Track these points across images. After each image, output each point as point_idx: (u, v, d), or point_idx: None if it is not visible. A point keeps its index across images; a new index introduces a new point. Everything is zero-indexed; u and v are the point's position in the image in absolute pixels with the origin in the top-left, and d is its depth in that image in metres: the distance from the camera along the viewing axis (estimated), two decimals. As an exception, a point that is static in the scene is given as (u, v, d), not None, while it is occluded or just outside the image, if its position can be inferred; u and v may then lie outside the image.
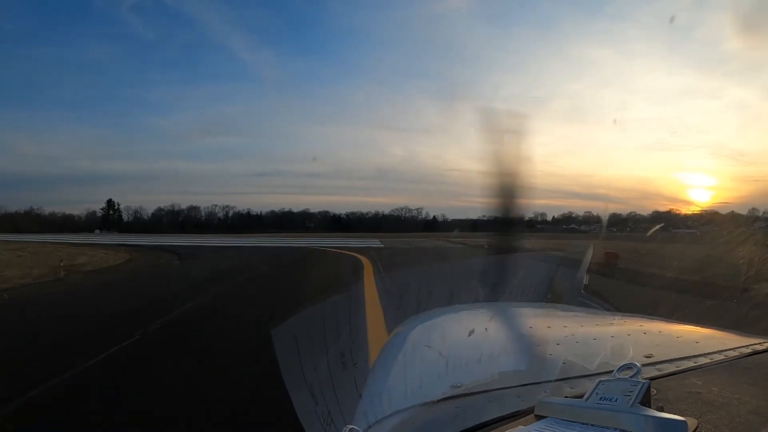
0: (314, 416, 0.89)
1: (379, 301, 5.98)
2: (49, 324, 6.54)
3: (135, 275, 14.01)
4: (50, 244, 28.76)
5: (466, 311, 1.55)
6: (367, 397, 0.90)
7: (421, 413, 0.75)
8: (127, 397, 3.55)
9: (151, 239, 43.54)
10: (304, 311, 1.37)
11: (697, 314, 5.83)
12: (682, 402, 0.68)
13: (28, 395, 3.46)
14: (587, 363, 0.89)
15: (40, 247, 24.63)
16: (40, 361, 4.49)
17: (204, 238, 47.84)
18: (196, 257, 21.07)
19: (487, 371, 0.91)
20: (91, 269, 14.84)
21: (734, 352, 0.95)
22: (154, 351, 4.90)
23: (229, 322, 6.37)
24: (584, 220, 67.20)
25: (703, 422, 0.60)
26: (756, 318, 3.80)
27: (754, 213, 22.35)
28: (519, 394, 0.78)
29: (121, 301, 8.63)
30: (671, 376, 0.82)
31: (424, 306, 1.53)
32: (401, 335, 1.28)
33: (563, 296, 1.76)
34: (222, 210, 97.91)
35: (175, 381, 3.91)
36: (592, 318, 1.52)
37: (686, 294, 7.28)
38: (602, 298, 2.21)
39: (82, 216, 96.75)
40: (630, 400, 0.58)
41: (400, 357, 1.12)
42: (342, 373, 1.13)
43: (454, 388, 0.82)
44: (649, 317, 1.45)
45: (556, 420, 0.62)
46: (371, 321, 4.33)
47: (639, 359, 0.87)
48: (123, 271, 14.86)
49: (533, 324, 1.36)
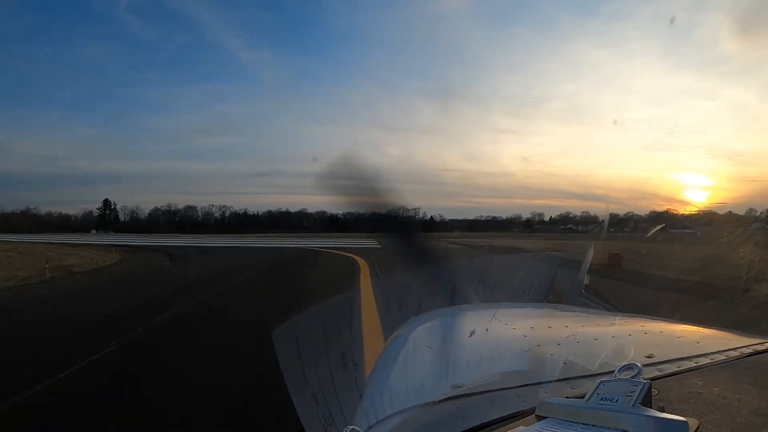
0: (315, 416, 0.89)
1: (375, 306, 5.73)
2: (16, 333, 6.27)
3: (122, 278, 13.79)
4: (43, 245, 28.61)
5: (466, 312, 1.55)
6: (368, 397, 0.90)
7: (422, 414, 0.75)
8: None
9: (146, 240, 43.38)
10: (304, 312, 1.36)
11: (703, 315, 5.80)
12: (684, 402, 0.68)
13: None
14: (588, 363, 0.89)
15: (32, 248, 24.58)
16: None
17: (199, 239, 47.40)
18: (187, 259, 20.91)
19: (488, 372, 0.91)
20: (80, 271, 14.80)
21: (735, 353, 0.95)
22: (128, 365, 4.57)
23: (208, 335, 5.91)
24: (581, 220, 67.26)
25: (705, 423, 0.60)
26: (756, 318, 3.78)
27: (752, 213, 22.35)
28: (520, 394, 0.78)
29: (103, 306, 8.39)
30: (672, 376, 0.82)
31: (425, 307, 1.53)
32: (402, 336, 1.27)
33: (564, 296, 1.75)
34: (219, 210, 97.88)
35: (142, 409, 3.45)
36: (593, 318, 1.52)
37: (695, 296, 7.25)
38: (604, 298, 2.20)
39: (78, 216, 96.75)
40: (631, 401, 0.58)
41: (401, 357, 1.12)
42: (343, 374, 1.13)
43: (455, 388, 0.82)
44: (650, 317, 1.45)
45: (557, 420, 0.62)
46: (367, 325, 4.16)
47: (640, 359, 0.87)
48: (112, 273, 14.72)
49: (534, 324, 1.36)
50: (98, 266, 16.51)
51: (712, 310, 5.80)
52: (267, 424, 3.12)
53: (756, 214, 23.66)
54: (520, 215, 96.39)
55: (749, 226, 12.99)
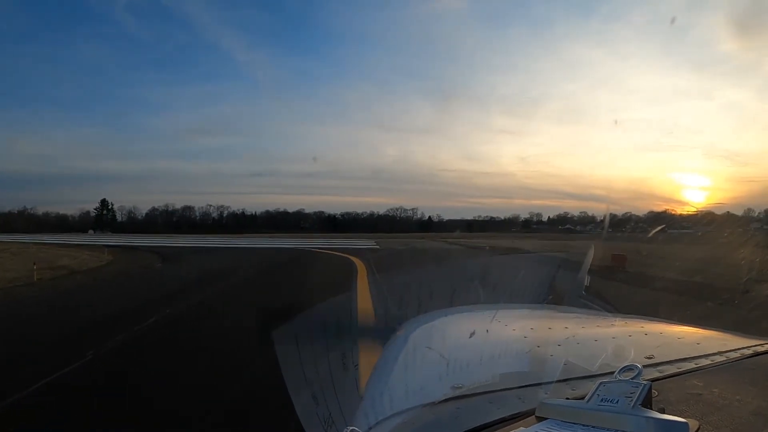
0: (315, 417, 0.89)
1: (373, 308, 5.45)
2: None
3: (110, 280, 13.35)
4: (36, 245, 28.29)
5: (466, 313, 1.55)
6: (368, 398, 0.90)
7: (423, 414, 0.75)
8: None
9: (142, 240, 42.72)
10: (304, 313, 1.35)
11: (705, 315, 5.76)
12: (684, 403, 0.68)
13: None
14: (588, 364, 0.89)
15: (25, 249, 24.33)
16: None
17: (195, 239, 46.21)
18: (180, 260, 20.62)
19: (488, 372, 0.91)
20: (69, 272, 14.53)
21: (735, 354, 0.95)
22: (101, 381, 4.05)
23: (190, 349, 5.27)
24: (579, 220, 67.13)
25: (705, 423, 0.60)
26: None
27: (750, 213, 22.22)
28: (520, 395, 0.78)
29: (86, 311, 7.96)
30: (672, 377, 0.82)
31: (425, 308, 1.53)
32: (402, 337, 1.27)
33: (564, 298, 1.76)
34: (216, 210, 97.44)
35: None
36: (593, 319, 1.52)
37: (696, 298, 7.19)
38: (605, 299, 2.19)
39: (76, 216, 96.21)
40: (631, 402, 0.58)
41: (401, 358, 1.12)
42: (343, 374, 1.13)
43: (455, 389, 0.82)
44: (650, 318, 1.45)
45: (557, 421, 0.62)
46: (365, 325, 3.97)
47: (640, 360, 0.87)
48: (101, 275, 14.38)
49: (534, 325, 1.36)
50: (89, 267, 16.25)
51: (712, 311, 5.78)
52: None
53: (754, 214, 23.58)
54: (519, 215, 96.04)
55: (748, 226, 12.94)
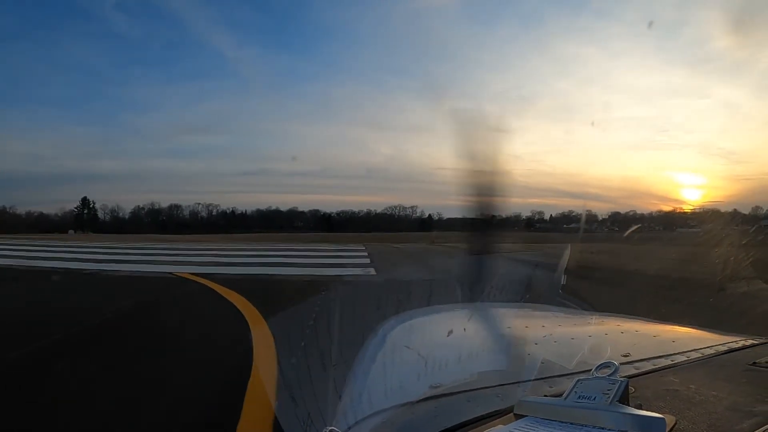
0: (294, 418, 0.87)
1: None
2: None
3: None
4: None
5: (445, 312, 1.55)
6: (347, 398, 0.89)
7: (401, 413, 0.75)
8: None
9: (115, 240, 39.59)
10: (285, 312, 1.33)
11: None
12: (660, 399, 0.69)
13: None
14: (565, 362, 0.89)
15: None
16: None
17: (171, 243, 42.36)
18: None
19: (466, 371, 0.91)
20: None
21: (711, 350, 0.97)
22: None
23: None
24: (586, 219, 67.83)
25: (681, 419, 0.61)
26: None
27: (758, 211, 22.58)
28: (498, 393, 0.78)
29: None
30: (649, 374, 0.83)
31: (403, 307, 1.53)
32: (381, 336, 1.26)
33: (541, 296, 1.78)
34: (205, 209, 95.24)
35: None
36: (570, 318, 1.54)
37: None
38: (580, 298, 2.23)
39: (59, 215, 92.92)
40: (608, 398, 0.58)
41: (379, 357, 1.10)
42: (321, 374, 1.11)
43: (433, 388, 0.81)
44: (627, 317, 1.47)
45: (535, 419, 0.62)
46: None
47: (617, 358, 0.88)
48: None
49: (512, 324, 1.37)
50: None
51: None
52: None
53: (762, 211, 23.92)
54: (520, 213, 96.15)
55: (757, 223, 12.86)
